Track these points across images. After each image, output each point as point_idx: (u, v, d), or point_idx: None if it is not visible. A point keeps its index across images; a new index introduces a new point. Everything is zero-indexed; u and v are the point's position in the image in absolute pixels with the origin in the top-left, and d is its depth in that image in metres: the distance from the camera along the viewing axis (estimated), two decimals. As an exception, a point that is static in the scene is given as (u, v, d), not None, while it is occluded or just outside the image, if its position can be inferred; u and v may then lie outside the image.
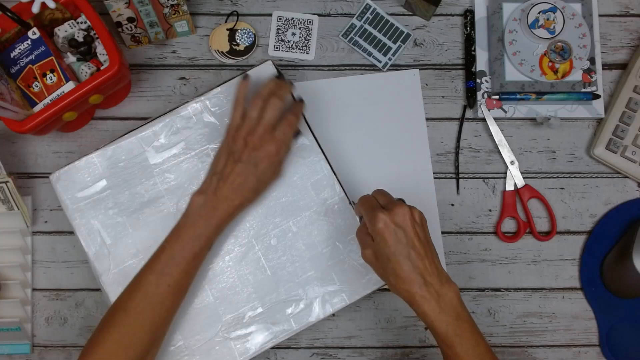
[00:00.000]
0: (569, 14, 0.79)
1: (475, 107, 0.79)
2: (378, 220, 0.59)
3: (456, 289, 0.59)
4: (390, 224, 0.59)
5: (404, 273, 0.58)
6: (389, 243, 0.58)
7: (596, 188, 0.79)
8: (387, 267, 0.59)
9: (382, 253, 0.59)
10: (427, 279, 0.58)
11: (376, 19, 0.81)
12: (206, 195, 0.67)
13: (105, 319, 0.64)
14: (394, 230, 0.59)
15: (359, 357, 0.76)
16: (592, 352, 0.76)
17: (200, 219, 0.66)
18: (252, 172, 0.66)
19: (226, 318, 0.69)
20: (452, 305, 0.58)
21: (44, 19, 0.71)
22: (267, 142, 0.66)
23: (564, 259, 0.78)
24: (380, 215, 0.59)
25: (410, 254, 0.58)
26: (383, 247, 0.59)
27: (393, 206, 0.60)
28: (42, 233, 0.77)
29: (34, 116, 0.66)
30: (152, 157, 0.72)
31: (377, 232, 0.59)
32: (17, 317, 0.74)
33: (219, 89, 0.73)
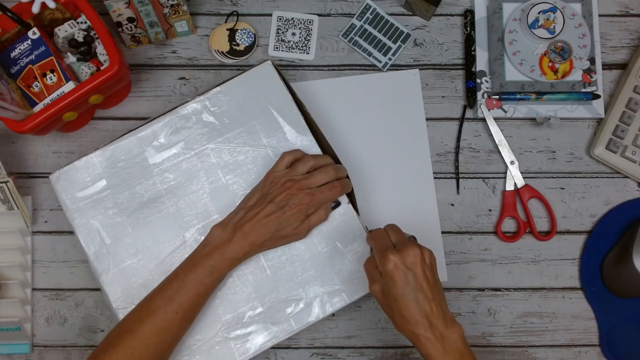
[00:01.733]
0: (569, 14, 0.79)
1: (475, 107, 0.79)
2: (389, 261, 0.59)
3: (461, 331, 0.60)
4: (400, 265, 0.59)
5: (410, 315, 0.59)
6: (398, 285, 0.59)
7: (596, 188, 0.79)
8: (393, 306, 0.60)
9: (390, 293, 0.60)
10: (433, 321, 0.59)
11: (376, 19, 0.81)
12: (226, 227, 0.67)
13: (111, 337, 0.64)
14: (404, 272, 0.59)
15: (359, 357, 0.76)
16: (592, 352, 0.76)
17: (216, 251, 0.66)
18: (277, 216, 0.66)
19: (226, 318, 0.69)
20: (457, 347, 0.59)
21: (44, 19, 0.71)
22: (303, 194, 0.67)
23: (564, 259, 0.78)
24: (390, 257, 0.59)
25: (417, 297, 0.59)
26: (391, 287, 0.59)
27: (404, 246, 0.60)
28: (42, 233, 0.77)
29: (34, 116, 0.67)
30: (151, 157, 0.72)
31: (387, 272, 0.59)
32: (16, 317, 0.74)
33: (218, 88, 0.73)
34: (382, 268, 0.60)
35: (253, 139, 0.72)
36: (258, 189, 0.69)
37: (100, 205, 0.71)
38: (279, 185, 0.67)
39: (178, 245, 0.71)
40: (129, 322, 0.65)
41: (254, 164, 0.72)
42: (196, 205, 0.71)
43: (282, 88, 0.73)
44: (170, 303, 0.64)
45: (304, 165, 0.69)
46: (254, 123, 0.73)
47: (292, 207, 0.66)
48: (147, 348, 0.63)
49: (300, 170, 0.68)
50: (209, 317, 0.69)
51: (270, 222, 0.66)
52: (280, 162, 0.70)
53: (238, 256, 0.66)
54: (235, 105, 0.73)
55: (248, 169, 0.72)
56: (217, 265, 0.66)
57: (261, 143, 0.72)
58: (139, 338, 0.62)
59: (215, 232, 0.67)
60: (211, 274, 0.65)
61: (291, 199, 0.66)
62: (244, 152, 0.72)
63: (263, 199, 0.67)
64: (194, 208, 0.71)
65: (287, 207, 0.66)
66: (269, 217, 0.66)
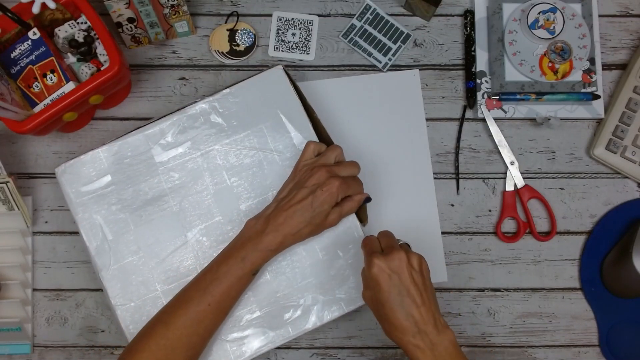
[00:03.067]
0: (568, 15, 0.79)
1: (475, 107, 0.79)
2: (373, 265, 0.58)
3: (452, 337, 0.58)
4: (385, 269, 0.58)
5: (397, 321, 0.57)
6: (383, 289, 0.58)
7: (596, 188, 0.79)
8: (381, 312, 0.59)
9: (377, 298, 0.59)
10: (422, 327, 0.57)
11: (376, 20, 0.81)
12: (260, 219, 0.66)
13: (146, 329, 0.64)
14: (389, 275, 0.58)
15: (359, 357, 0.76)
16: (592, 352, 0.76)
17: (249, 242, 0.65)
18: (309, 203, 0.65)
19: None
20: (448, 353, 0.57)
21: (44, 20, 0.71)
22: (334, 178, 0.65)
23: (564, 259, 0.78)
24: (375, 260, 0.58)
25: (404, 302, 0.57)
26: (377, 292, 0.58)
27: (390, 251, 0.59)
28: (42, 233, 0.77)
29: (34, 116, 0.67)
30: (157, 155, 0.72)
31: (372, 276, 0.58)
32: (17, 317, 0.74)
33: (228, 90, 0.73)
34: (368, 272, 0.59)
35: (260, 143, 0.72)
36: (289, 180, 0.69)
37: (104, 200, 0.71)
38: (309, 171, 0.66)
39: (179, 245, 0.71)
40: (163, 313, 0.65)
41: (260, 168, 0.72)
42: (199, 206, 0.71)
43: (291, 93, 0.73)
44: (203, 295, 0.63)
45: (332, 152, 0.68)
46: (261, 127, 0.73)
47: (324, 190, 0.65)
48: (180, 339, 0.62)
49: (329, 157, 0.68)
50: None
51: (304, 208, 0.65)
52: (307, 151, 0.69)
53: (271, 247, 0.65)
54: (244, 108, 0.73)
55: (253, 172, 0.72)
56: (250, 257, 0.65)
57: (268, 147, 0.72)
58: (171, 329, 0.62)
59: (249, 224, 0.67)
60: (244, 265, 0.64)
61: (323, 182, 0.65)
62: (250, 155, 0.72)
63: (295, 187, 0.67)
64: (197, 208, 0.71)
65: (319, 190, 0.65)
66: (302, 202, 0.65)
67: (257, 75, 0.73)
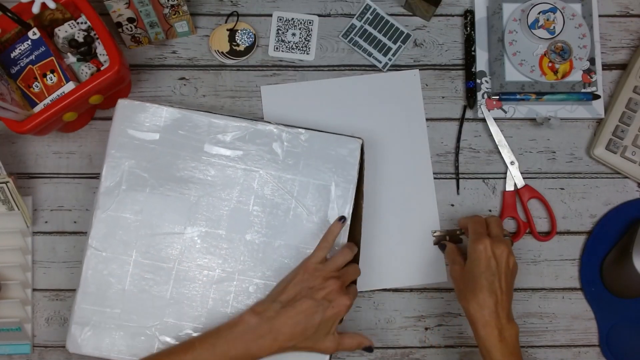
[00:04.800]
0: (569, 15, 0.79)
1: (475, 107, 0.79)
2: (481, 242, 0.65)
3: (517, 331, 0.64)
4: (489, 250, 0.65)
5: (482, 295, 0.64)
6: (481, 265, 0.65)
7: (596, 188, 0.79)
8: (468, 284, 0.65)
9: (470, 271, 0.65)
10: (498, 310, 0.63)
11: (376, 20, 0.81)
12: (260, 318, 0.63)
13: None
14: (490, 257, 0.65)
15: (359, 357, 0.76)
16: (592, 353, 0.76)
17: (241, 341, 0.62)
18: (319, 314, 0.63)
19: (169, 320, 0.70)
20: (512, 341, 0.63)
21: (44, 20, 0.71)
22: (344, 295, 0.64)
23: (564, 259, 0.78)
24: (485, 239, 0.66)
25: (494, 282, 0.64)
26: (474, 266, 0.65)
27: (499, 240, 0.66)
28: (42, 233, 0.77)
29: (34, 116, 0.67)
30: (208, 145, 0.72)
31: (475, 250, 0.65)
32: (17, 317, 0.74)
33: (303, 130, 0.72)
34: (472, 246, 0.66)
35: (299, 193, 0.71)
36: (296, 280, 0.66)
37: (140, 153, 0.71)
38: (321, 280, 0.65)
39: (175, 232, 0.71)
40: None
41: (284, 213, 0.71)
42: (213, 211, 0.71)
43: (354, 171, 0.72)
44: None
45: (342, 258, 0.67)
46: (310, 181, 0.71)
47: (334, 307, 0.64)
48: None
49: (338, 262, 0.66)
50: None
51: (309, 321, 0.63)
52: (320, 252, 0.67)
53: (262, 354, 0.63)
54: (306, 155, 0.72)
55: (276, 213, 0.71)
56: (238, 356, 0.62)
57: (304, 201, 0.71)
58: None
59: (247, 321, 0.63)
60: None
61: (334, 298, 0.64)
62: (284, 198, 0.71)
63: (303, 293, 0.64)
64: (210, 212, 0.71)
65: (330, 306, 0.63)
66: (306, 313, 0.63)
67: (336, 136, 0.72)
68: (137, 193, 0.71)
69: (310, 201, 0.71)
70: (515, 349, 0.63)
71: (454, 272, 0.69)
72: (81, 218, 0.77)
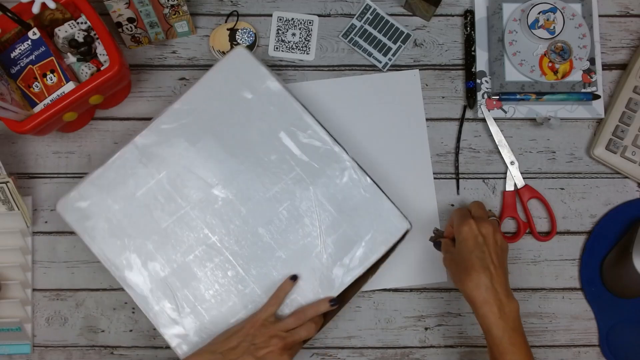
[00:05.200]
0: (569, 15, 0.79)
1: (475, 107, 0.79)
2: (465, 224, 0.66)
3: (518, 306, 0.63)
4: (475, 229, 0.65)
5: (475, 273, 0.63)
6: (469, 244, 0.64)
7: (596, 188, 0.79)
8: (461, 266, 0.64)
9: (461, 254, 0.65)
10: (495, 286, 0.62)
11: (376, 20, 0.81)
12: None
13: None
14: (476, 236, 0.65)
15: (359, 357, 0.76)
16: (592, 352, 0.76)
17: None
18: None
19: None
20: (512, 316, 0.62)
21: (44, 20, 0.71)
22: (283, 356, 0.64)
23: (564, 259, 0.78)
24: (469, 220, 0.66)
25: (484, 258, 0.64)
26: (463, 247, 0.65)
27: (483, 220, 0.66)
28: (42, 233, 0.77)
29: (34, 116, 0.67)
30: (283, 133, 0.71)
31: (461, 232, 0.65)
32: (17, 317, 0.74)
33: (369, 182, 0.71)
34: (458, 230, 0.66)
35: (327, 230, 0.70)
36: (241, 332, 0.65)
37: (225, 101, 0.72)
38: (265, 338, 0.64)
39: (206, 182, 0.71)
40: None
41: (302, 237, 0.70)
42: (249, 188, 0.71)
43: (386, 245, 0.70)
44: None
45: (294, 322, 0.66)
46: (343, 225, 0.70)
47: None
48: None
49: (289, 324, 0.66)
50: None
51: None
52: (270, 308, 0.67)
53: None
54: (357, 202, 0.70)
55: (295, 229, 0.70)
56: None
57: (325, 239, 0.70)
58: None
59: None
60: None
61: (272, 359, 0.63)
62: (312, 224, 0.70)
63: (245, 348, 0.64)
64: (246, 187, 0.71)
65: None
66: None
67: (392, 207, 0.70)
68: (202, 130, 0.71)
69: (330, 242, 0.70)
70: (517, 324, 0.62)
71: (447, 260, 0.68)
72: (81, 218, 0.77)
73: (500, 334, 0.61)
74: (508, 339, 0.61)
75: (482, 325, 0.63)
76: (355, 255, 0.70)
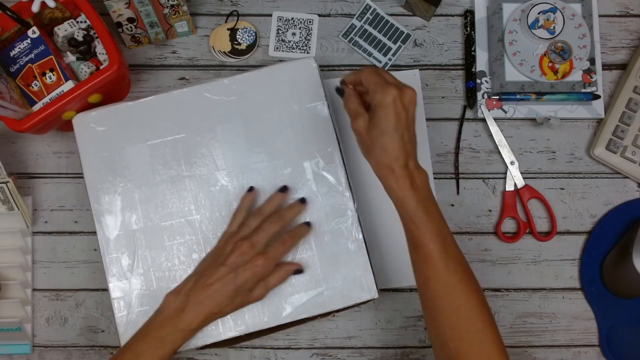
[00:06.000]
0: (569, 15, 0.79)
1: (475, 107, 0.79)
2: (389, 94, 0.59)
3: (427, 176, 0.61)
4: (398, 102, 0.59)
5: (392, 150, 0.59)
6: (391, 119, 0.59)
7: (596, 188, 0.79)
8: (377, 140, 0.60)
9: (379, 126, 0.60)
10: (408, 162, 0.60)
11: (376, 20, 0.81)
12: (179, 296, 0.64)
13: None
14: (401, 109, 0.60)
15: (359, 357, 0.76)
16: (592, 353, 0.76)
17: (169, 322, 0.63)
18: (231, 280, 0.63)
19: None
20: (424, 187, 0.60)
21: (44, 18, 0.71)
22: (256, 255, 0.64)
23: (564, 259, 0.78)
24: (392, 90, 0.59)
25: (404, 136, 0.60)
26: (383, 120, 0.59)
27: (404, 86, 0.60)
28: (42, 233, 0.77)
29: (33, 115, 0.67)
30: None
31: (383, 104, 0.59)
32: (17, 317, 0.74)
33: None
34: (380, 100, 0.59)
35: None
36: (212, 251, 0.67)
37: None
38: (231, 246, 0.65)
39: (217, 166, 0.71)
40: None
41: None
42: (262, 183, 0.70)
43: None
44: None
45: (254, 220, 0.67)
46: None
47: (246, 269, 0.64)
48: None
49: (251, 224, 0.66)
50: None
51: (225, 287, 0.63)
52: (233, 221, 0.68)
53: (192, 327, 0.63)
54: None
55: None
56: (170, 337, 0.63)
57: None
58: None
59: (168, 301, 0.64)
60: (163, 345, 0.62)
61: (243, 259, 0.64)
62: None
63: (215, 262, 0.65)
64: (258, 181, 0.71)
65: (241, 268, 0.64)
66: (223, 280, 0.63)
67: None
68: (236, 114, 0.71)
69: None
70: (428, 193, 0.61)
71: (358, 126, 0.62)
72: (81, 218, 0.77)
73: (414, 205, 0.59)
74: (422, 209, 0.59)
75: (395, 198, 0.61)
76: (313, 297, 0.69)
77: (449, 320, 0.59)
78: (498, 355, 0.58)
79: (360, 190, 0.75)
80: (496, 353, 0.58)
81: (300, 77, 0.72)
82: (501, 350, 0.58)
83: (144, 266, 0.69)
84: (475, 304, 0.59)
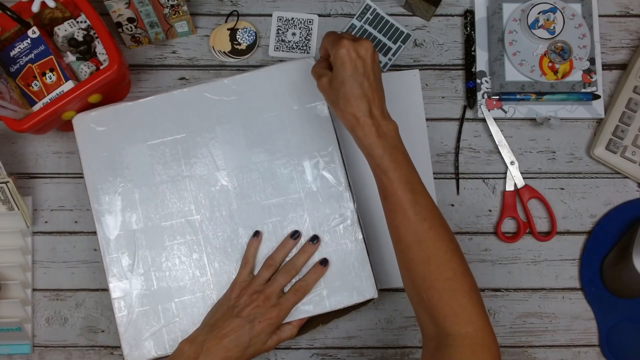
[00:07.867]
0: (569, 15, 0.79)
1: (475, 107, 0.79)
2: (342, 45, 0.60)
3: (396, 127, 0.62)
4: (352, 51, 0.60)
5: (354, 98, 0.60)
6: (347, 68, 0.60)
7: (596, 188, 0.79)
8: (339, 91, 0.61)
9: (339, 77, 0.61)
10: (373, 109, 0.61)
11: (376, 20, 0.81)
12: (193, 345, 0.64)
13: None
14: (355, 59, 0.61)
15: (359, 357, 0.76)
16: (592, 352, 0.76)
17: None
18: (247, 331, 0.63)
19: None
20: (391, 136, 0.61)
21: (44, 18, 0.71)
22: (271, 306, 0.65)
23: (564, 259, 0.78)
24: (345, 42, 0.60)
25: (363, 83, 0.60)
26: (341, 71, 0.61)
27: (357, 38, 0.62)
28: (42, 233, 0.77)
29: (33, 115, 0.67)
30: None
31: (338, 55, 0.61)
32: (17, 317, 0.74)
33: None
34: (335, 53, 0.61)
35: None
36: (224, 301, 0.67)
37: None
38: (247, 298, 0.65)
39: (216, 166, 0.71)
40: None
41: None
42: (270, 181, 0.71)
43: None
44: None
45: (267, 271, 0.67)
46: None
47: (262, 321, 0.64)
48: None
49: (264, 276, 0.67)
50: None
51: (239, 338, 0.63)
52: (242, 270, 0.68)
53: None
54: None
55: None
56: None
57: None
58: None
59: (183, 349, 0.64)
60: None
61: (260, 311, 0.64)
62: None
63: (230, 313, 0.65)
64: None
65: (257, 320, 0.64)
66: (238, 332, 0.63)
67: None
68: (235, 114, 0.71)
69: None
70: (397, 143, 0.61)
71: (323, 85, 0.63)
72: (81, 218, 0.77)
73: (381, 153, 0.60)
74: (389, 157, 0.60)
75: (362, 148, 0.62)
76: (312, 297, 0.69)
77: (419, 269, 0.59)
78: (470, 304, 0.57)
79: (360, 190, 0.75)
80: (467, 302, 0.57)
81: (300, 77, 0.72)
82: (474, 300, 0.58)
83: (144, 266, 0.69)
84: (445, 251, 0.59)
